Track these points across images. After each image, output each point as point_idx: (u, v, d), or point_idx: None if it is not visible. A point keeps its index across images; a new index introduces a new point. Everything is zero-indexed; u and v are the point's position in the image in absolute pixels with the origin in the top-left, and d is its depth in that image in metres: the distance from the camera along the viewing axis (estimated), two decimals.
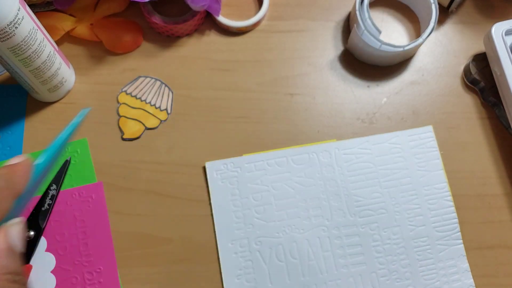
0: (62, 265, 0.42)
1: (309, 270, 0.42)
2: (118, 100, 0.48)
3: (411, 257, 0.42)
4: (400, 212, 0.44)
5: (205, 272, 0.43)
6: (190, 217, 0.44)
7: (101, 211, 0.43)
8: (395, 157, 0.45)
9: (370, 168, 0.45)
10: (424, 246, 0.43)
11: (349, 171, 0.45)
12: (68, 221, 0.43)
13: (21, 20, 0.37)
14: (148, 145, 0.46)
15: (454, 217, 0.44)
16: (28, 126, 0.46)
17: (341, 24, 0.51)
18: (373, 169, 0.45)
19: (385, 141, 0.46)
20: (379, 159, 0.45)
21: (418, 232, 0.43)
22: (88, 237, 0.43)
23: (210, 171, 0.45)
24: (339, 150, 0.45)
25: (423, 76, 0.50)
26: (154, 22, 0.48)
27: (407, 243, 0.43)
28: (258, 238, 0.42)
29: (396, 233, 0.43)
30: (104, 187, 0.44)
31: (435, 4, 0.47)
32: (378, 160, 0.45)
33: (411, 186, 0.45)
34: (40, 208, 0.42)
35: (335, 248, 0.42)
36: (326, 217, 0.43)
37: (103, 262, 0.42)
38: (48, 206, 0.42)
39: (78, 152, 0.45)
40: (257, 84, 0.49)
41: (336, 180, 0.44)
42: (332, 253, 0.42)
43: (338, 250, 0.42)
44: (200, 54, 0.50)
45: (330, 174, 0.44)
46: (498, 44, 0.46)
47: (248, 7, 0.52)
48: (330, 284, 0.41)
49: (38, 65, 0.41)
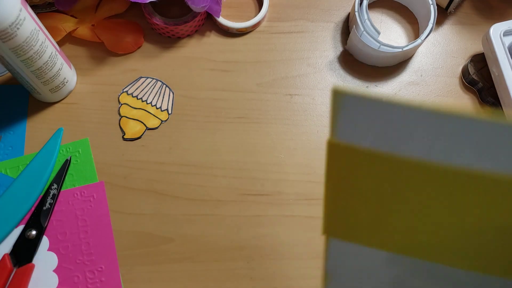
0: (64, 264, 0.42)
1: None
2: (119, 101, 0.48)
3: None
4: None
5: (205, 271, 0.43)
6: (190, 216, 0.44)
7: (103, 210, 0.44)
8: None
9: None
10: None
11: None
12: (70, 220, 0.43)
13: (23, 21, 0.37)
14: (149, 145, 0.46)
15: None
16: (30, 126, 0.47)
17: (340, 25, 0.52)
18: None
19: None
20: None
21: None
22: (90, 236, 0.43)
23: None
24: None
25: (421, 76, 0.50)
26: (155, 23, 0.49)
27: None
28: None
29: None
30: (105, 186, 0.45)
31: (433, 5, 0.48)
32: None
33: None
34: (41, 208, 0.43)
35: None
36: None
37: (104, 261, 0.42)
38: (49, 205, 0.43)
39: (80, 152, 0.46)
40: (257, 84, 0.49)
41: None
42: None
43: None
44: (201, 54, 0.50)
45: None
46: (496, 45, 0.46)
47: (248, 9, 0.52)
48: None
49: (39, 66, 0.41)
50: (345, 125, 0.26)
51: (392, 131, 0.25)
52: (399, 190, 0.28)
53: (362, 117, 0.25)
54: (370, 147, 0.26)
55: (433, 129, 0.24)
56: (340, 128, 0.26)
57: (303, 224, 0.44)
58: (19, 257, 0.41)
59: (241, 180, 0.46)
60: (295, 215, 0.45)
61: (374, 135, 0.25)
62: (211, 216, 0.44)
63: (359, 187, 0.28)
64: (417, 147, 0.25)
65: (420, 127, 0.24)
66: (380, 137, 0.25)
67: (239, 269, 0.43)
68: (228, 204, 0.45)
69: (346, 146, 0.26)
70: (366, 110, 0.24)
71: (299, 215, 0.45)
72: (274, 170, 0.46)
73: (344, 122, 0.26)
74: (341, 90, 0.23)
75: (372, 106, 0.24)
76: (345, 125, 0.26)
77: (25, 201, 0.43)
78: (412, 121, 0.24)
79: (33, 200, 0.43)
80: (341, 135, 0.26)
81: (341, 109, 0.25)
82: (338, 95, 0.24)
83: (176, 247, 0.43)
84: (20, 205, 0.43)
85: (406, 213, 0.29)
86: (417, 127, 0.24)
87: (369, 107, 0.24)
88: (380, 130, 0.25)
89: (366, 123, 0.25)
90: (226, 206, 0.45)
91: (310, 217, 0.45)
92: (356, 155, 0.27)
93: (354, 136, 0.26)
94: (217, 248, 0.43)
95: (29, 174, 0.44)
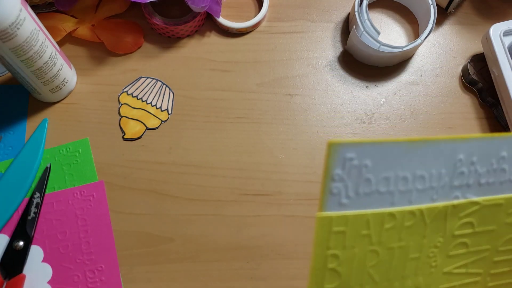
0: (64, 263, 0.42)
1: None
2: (119, 101, 0.48)
3: None
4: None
5: (205, 271, 0.43)
6: (190, 216, 0.44)
7: (103, 210, 0.44)
8: None
9: None
10: None
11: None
12: (70, 219, 0.43)
13: (23, 21, 0.37)
14: (149, 145, 0.46)
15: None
16: (30, 126, 0.47)
17: (340, 25, 0.52)
18: None
19: None
20: None
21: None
22: (90, 235, 0.43)
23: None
24: None
25: (421, 76, 0.50)
26: (155, 23, 0.49)
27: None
28: None
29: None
30: (105, 186, 0.45)
31: (433, 5, 0.48)
32: None
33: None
34: (26, 217, 0.42)
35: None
36: None
37: (104, 260, 0.42)
38: (34, 215, 0.43)
39: (80, 152, 0.46)
40: (257, 84, 0.49)
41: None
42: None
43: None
44: (201, 55, 0.50)
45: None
46: (496, 45, 0.46)
47: (248, 9, 0.52)
48: None
49: (40, 66, 0.41)
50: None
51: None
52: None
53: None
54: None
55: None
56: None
57: (303, 224, 0.44)
58: (9, 269, 0.41)
59: (241, 180, 0.46)
60: (295, 215, 0.45)
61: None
62: (211, 216, 0.44)
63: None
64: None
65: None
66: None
67: (239, 269, 0.43)
68: (228, 204, 0.45)
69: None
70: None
71: (299, 215, 0.45)
72: (274, 170, 0.46)
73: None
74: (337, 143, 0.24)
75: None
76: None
77: (16, 193, 0.43)
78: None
79: (24, 192, 0.43)
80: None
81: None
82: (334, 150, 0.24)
83: (176, 247, 0.43)
84: (11, 197, 0.43)
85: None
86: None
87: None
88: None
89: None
90: (226, 206, 0.45)
91: (310, 217, 0.45)
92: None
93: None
94: (217, 248, 0.43)
95: (18, 166, 0.44)
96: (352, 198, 0.26)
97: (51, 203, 0.44)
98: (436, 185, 0.27)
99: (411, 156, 0.26)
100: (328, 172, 0.25)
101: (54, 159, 0.45)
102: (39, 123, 0.46)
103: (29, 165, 0.44)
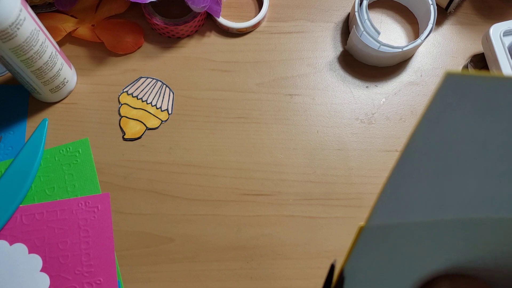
0: (62, 273, 0.41)
1: None
2: (119, 101, 0.48)
3: None
4: None
5: (205, 271, 0.43)
6: (190, 216, 0.44)
7: (106, 222, 0.43)
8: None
9: None
10: None
11: None
12: (72, 229, 0.43)
13: (23, 21, 0.37)
14: (149, 145, 0.47)
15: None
16: (30, 126, 0.47)
17: (340, 25, 0.52)
18: None
19: None
20: None
21: None
22: (91, 247, 0.42)
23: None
24: None
25: (421, 76, 0.50)
26: (155, 23, 0.49)
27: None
28: None
29: None
30: (105, 186, 0.45)
31: (433, 6, 0.48)
32: None
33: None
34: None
35: None
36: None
37: (103, 274, 0.42)
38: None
39: (80, 152, 0.46)
40: (257, 84, 0.49)
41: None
42: None
43: None
44: (201, 55, 0.50)
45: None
46: (496, 45, 0.46)
47: (248, 9, 0.52)
48: None
49: (40, 66, 0.41)
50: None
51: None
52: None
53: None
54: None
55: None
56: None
57: (303, 224, 0.44)
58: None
59: (241, 180, 0.46)
60: (295, 215, 0.45)
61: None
62: (211, 216, 0.44)
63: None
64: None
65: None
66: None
67: (239, 269, 0.43)
68: (228, 204, 0.45)
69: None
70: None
71: (299, 215, 0.45)
72: (274, 170, 0.46)
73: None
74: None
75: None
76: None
77: (16, 193, 0.43)
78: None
79: (24, 192, 0.43)
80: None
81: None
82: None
83: (176, 247, 0.43)
84: (11, 197, 0.43)
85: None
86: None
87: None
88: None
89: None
90: (226, 206, 0.45)
91: (310, 217, 0.45)
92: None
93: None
94: (217, 248, 0.43)
95: (18, 166, 0.44)
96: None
97: (55, 211, 0.43)
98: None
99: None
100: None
101: (54, 159, 0.45)
102: (39, 123, 0.46)
103: (29, 165, 0.44)
